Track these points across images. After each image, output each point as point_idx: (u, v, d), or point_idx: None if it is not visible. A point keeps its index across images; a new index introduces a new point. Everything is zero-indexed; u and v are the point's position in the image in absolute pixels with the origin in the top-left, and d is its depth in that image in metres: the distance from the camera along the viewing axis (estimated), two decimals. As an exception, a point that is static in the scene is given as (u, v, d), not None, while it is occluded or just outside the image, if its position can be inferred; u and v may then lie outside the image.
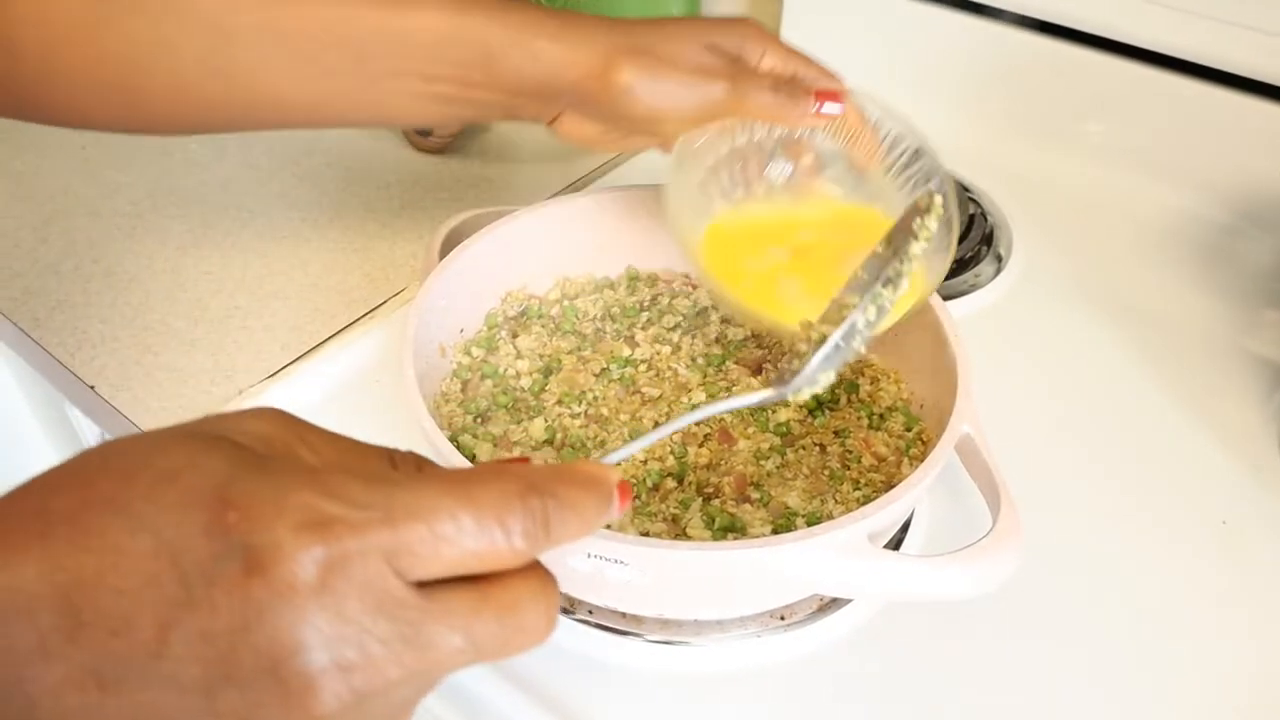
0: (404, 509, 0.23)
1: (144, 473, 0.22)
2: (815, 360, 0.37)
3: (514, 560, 0.24)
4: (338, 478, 0.23)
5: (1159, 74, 0.69)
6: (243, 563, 0.21)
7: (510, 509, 0.24)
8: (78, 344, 0.58)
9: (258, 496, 0.22)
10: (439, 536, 0.23)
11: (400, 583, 0.23)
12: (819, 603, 0.44)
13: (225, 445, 0.24)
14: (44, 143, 0.76)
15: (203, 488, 0.22)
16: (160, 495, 0.22)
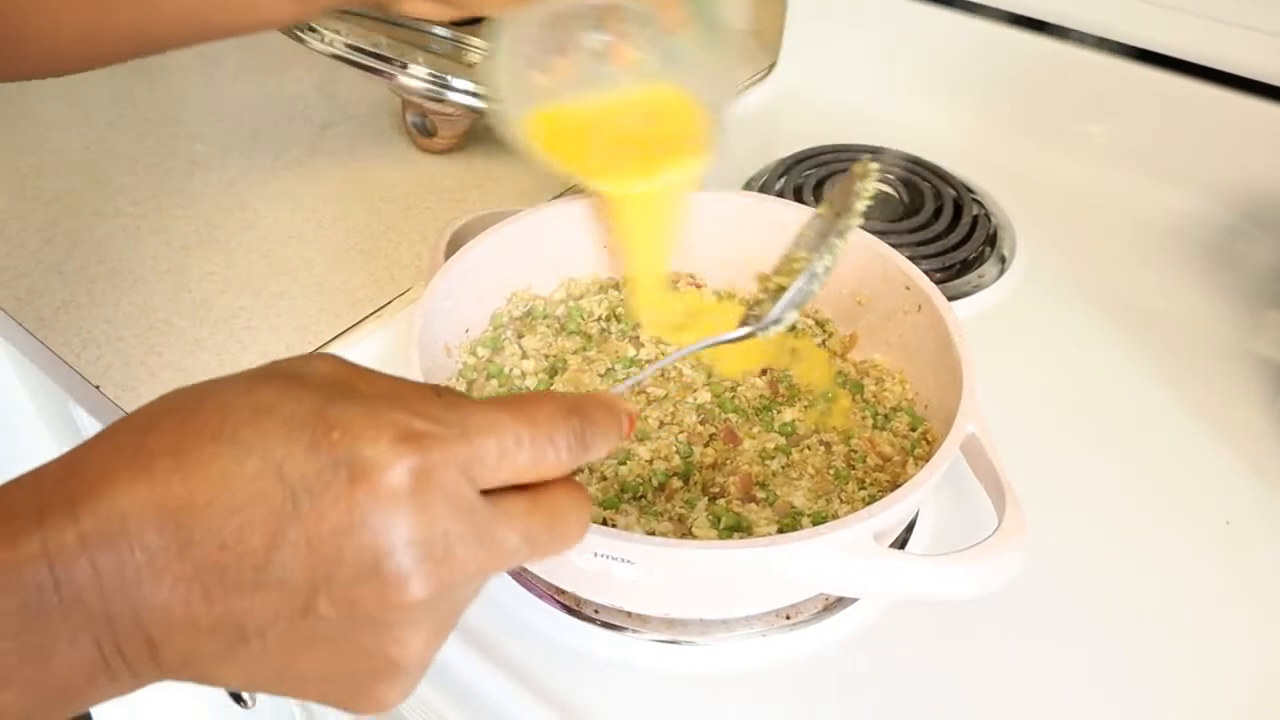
0: (477, 426, 0.26)
1: (242, 405, 0.25)
2: (783, 301, 0.43)
3: (559, 471, 0.28)
4: (417, 398, 0.26)
5: (1161, 75, 0.69)
6: (348, 473, 0.24)
7: (557, 428, 0.28)
8: (82, 343, 0.58)
9: (355, 416, 0.25)
10: (504, 451, 0.26)
11: (473, 490, 0.26)
12: (824, 602, 0.44)
13: (307, 380, 0.26)
14: (48, 143, 0.76)
15: (302, 412, 0.25)
16: (262, 422, 0.24)
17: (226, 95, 0.83)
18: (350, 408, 0.25)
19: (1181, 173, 0.71)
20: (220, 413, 0.25)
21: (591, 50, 0.51)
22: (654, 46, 0.51)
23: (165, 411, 0.25)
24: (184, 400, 0.26)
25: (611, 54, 0.51)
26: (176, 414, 0.25)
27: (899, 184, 0.70)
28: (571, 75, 0.51)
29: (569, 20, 0.50)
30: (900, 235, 0.65)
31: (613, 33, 0.51)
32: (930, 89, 0.79)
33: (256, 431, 0.24)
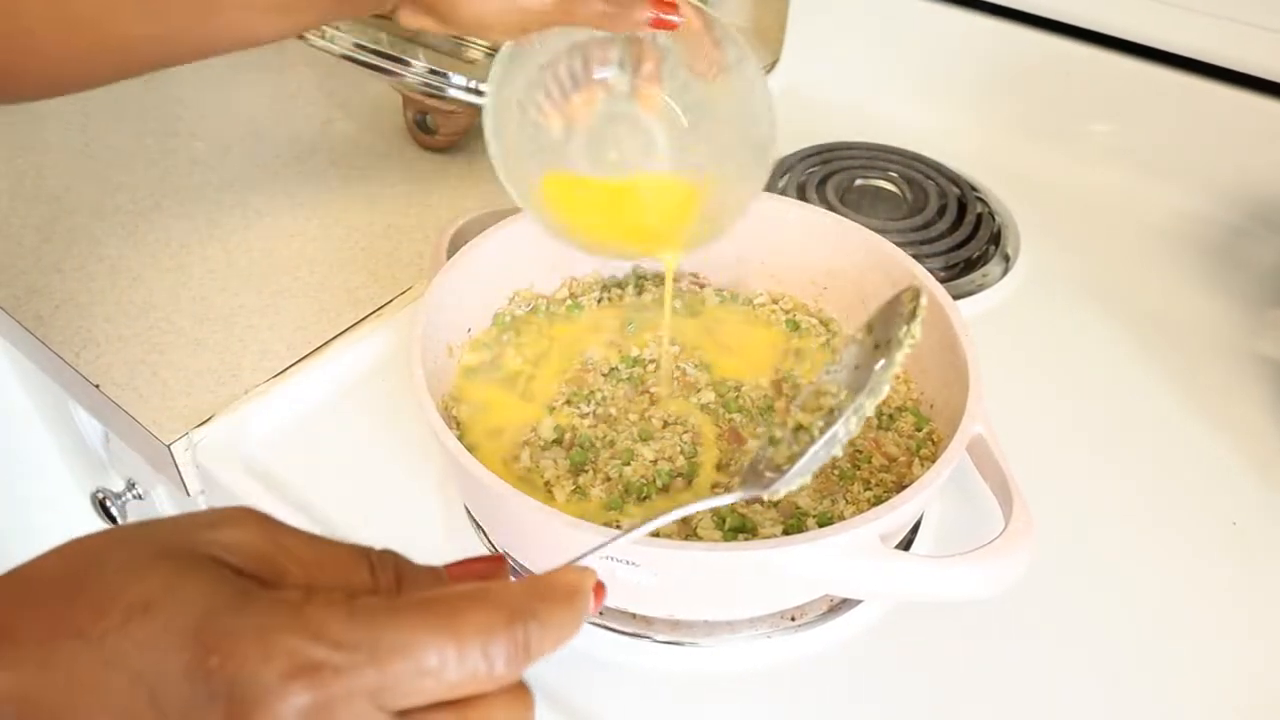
0: (389, 648, 0.22)
1: (117, 603, 0.22)
2: (797, 467, 0.36)
3: (494, 685, 0.24)
4: (320, 613, 0.23)
5: (1167, 73, 0.69)
6: (225, 708, 0.21)
7: (494, 638, 0.24)
8: (82, 343, 0.58)
9: (241, 638, 0.22)
10: (424, 672, 0.23)
11: (384, 716, 0.22)
12: (829, 604, 0.44)
13: (204, 568, 0.23)
14: (46, 142, 0.76)
15: (182, 626, 0.22)
16: (135, 631, 0.22)
17: (226, 93, 0.82)
18: (238, 624, 0.22)
19: (1186, 172, 0.71)
20: (94, 611, 0.22)
21: (613, 89, 0.47)
22: (683, 92, 0.48)
23: (41, 586, 0.23)
24: (59, 578, 0.23)
25: (637, 95, 0.47)
26: (48, 595, 0.23)
27: (903, 182, 0.70)
28: (587, 118, 0.47)
29: (589, 49, 0.47)
30: (904, 234, 0.64)
31: (638, 70, 0.47)
32: (934, 87, 0.79)
33: (128, 641, 0.22)
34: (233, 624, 0.22)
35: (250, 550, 0.24)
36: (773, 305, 0.55)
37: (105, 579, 0.23)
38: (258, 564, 0.24)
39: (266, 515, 0.25)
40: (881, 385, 0.36)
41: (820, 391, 0.39)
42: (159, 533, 0.24)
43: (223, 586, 0.23)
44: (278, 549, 0.25)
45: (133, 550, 0.23)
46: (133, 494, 0.68)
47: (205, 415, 0.53)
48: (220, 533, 0.24)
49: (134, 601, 0.22)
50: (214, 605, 0.22)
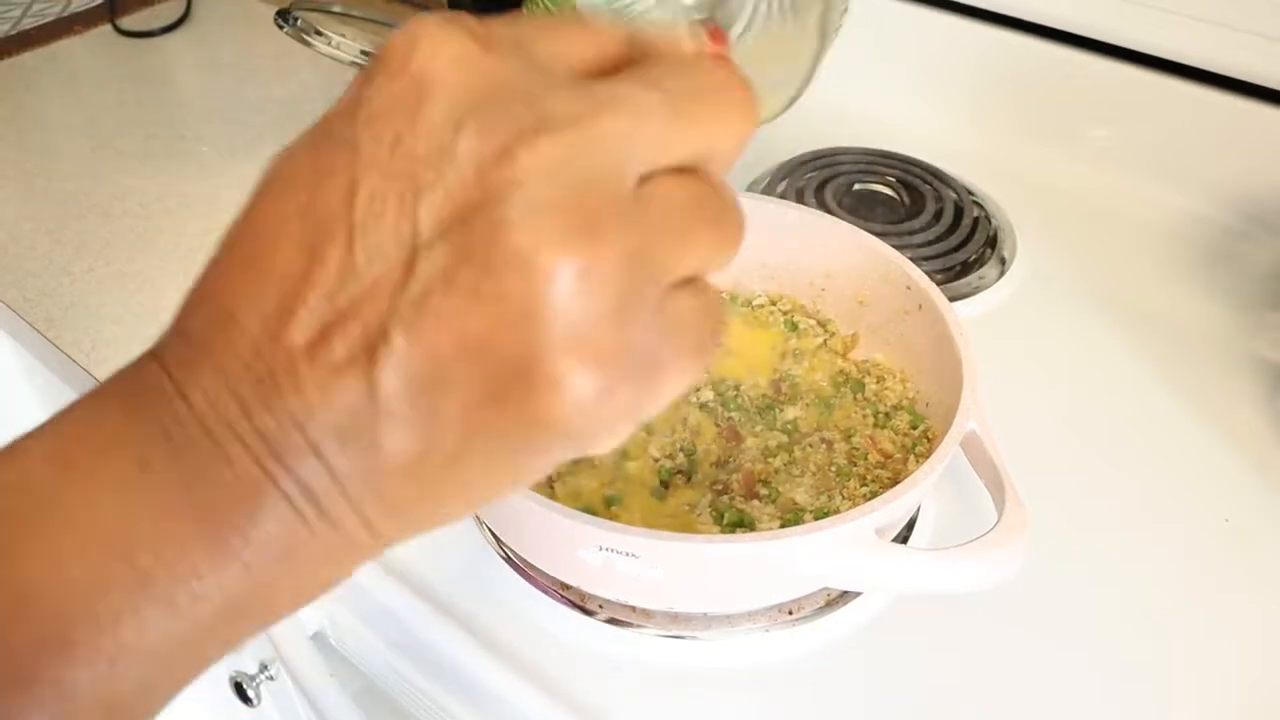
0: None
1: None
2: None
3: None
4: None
5: (1163, 79, 0.70)
6: (400, 55, 0.20)
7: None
8: (92, 343, 0.59)
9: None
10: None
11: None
12: (827, 598, 0.45)
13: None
14: (55, 147, 0.77)
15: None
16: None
17: (232, 98, 0.83)
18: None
19: (1182, 175, 0.71)
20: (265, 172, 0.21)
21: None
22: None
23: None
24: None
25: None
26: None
27: (900, 186, 0.71)
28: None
29: None
30: (901, 237, 0.65)
31: None
32: (931, 93, 0.80)
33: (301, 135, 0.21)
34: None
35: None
36: (771, 306, 0.56)
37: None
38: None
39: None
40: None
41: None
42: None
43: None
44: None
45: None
46: (140, 494, 0.69)
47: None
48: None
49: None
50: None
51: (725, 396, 0.50)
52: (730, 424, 0.49)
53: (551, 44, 0.21)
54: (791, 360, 0.53)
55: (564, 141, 0.18)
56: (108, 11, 0.94)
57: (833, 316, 0.55)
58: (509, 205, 0.18)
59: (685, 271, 0.20)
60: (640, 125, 0.19)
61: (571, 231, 0.18)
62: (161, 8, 0.96)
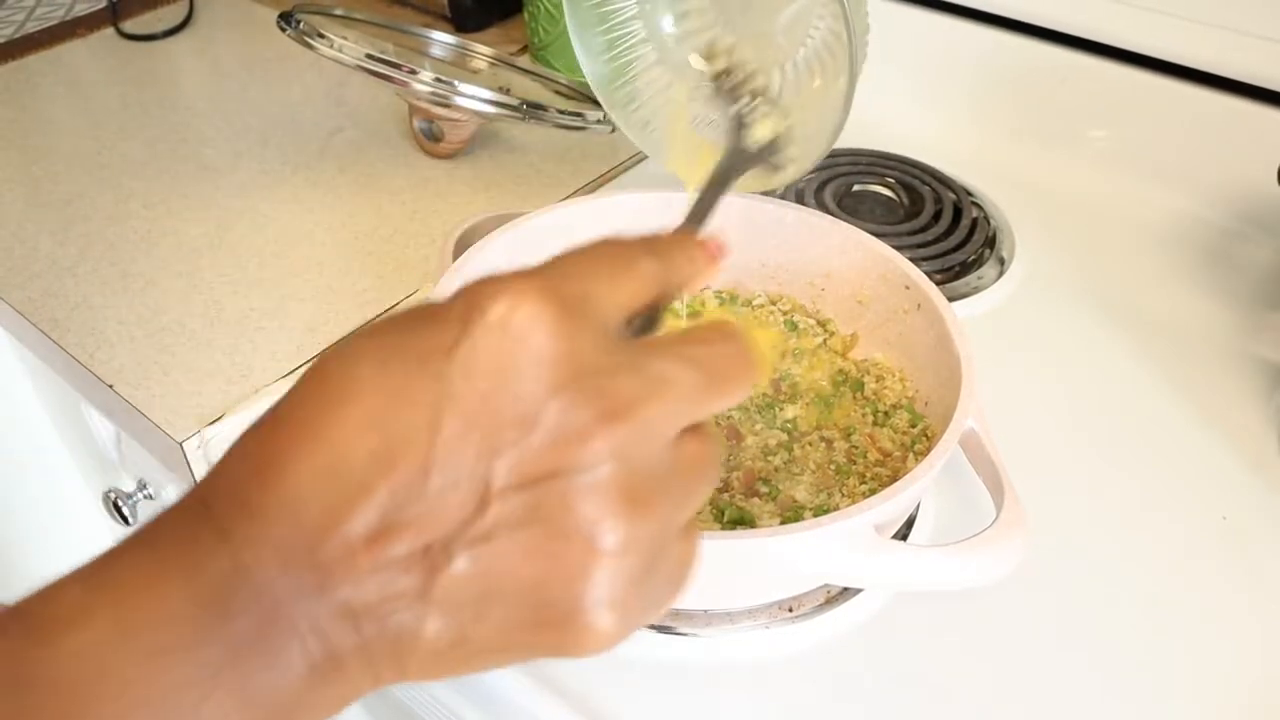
0: (565, 266, 0.25)
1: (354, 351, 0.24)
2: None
3: (657, 281, 0.26)
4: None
5: (1162, 80, 0.70)
6: (482, 317, 0.23)
7: (630, 244, 0.27)
8: (96, 344, 0.59)
9: (469, 288, 0.24)
10: (599, 268, 0.25)
11: (608, 323, 0.24)
12: (826, 595, 0.45)
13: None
14: (60, 150, 0.77)
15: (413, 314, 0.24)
16: (383, 335, 0.24)
17: (236, 102, 0.84)
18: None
19: (1181, 176, 0.72)
20: (335, 357, 0.23)
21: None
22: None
23: (286, 397, 0.24)
24: (298, 382, 0.24)
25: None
26: (298, 388, 0.24)
27: (899, 187, 0.71)
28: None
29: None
30: (900, 238, 0.66)
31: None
32: (930, 94, 0.80)
33: (374, 335, 0.23)
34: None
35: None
36: (771, 306, 0.57)
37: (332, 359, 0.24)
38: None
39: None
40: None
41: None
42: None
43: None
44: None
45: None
46: (144, 494, 0.70)
47: (217, 414, 0.54)
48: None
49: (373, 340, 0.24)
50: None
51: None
52: (730, 423, 0.49)
53: (611, 296, 0.25)
54: (791, 359, 0.54)
55: (626, 429, 0.22)
56: (111, 15, 0.94)
57: (832, 316, 0.56)
58: (579, 479, 0.22)
59: (690, 517, 0.25)
60: (681, 404, 0.24)
61: (624, 507, 0.22)
62: (164, 11, 0.97)
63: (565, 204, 0.56)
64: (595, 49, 0.55)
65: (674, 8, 0.56)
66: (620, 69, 0.56)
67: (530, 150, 0.77)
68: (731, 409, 0.50)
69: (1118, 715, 0.42)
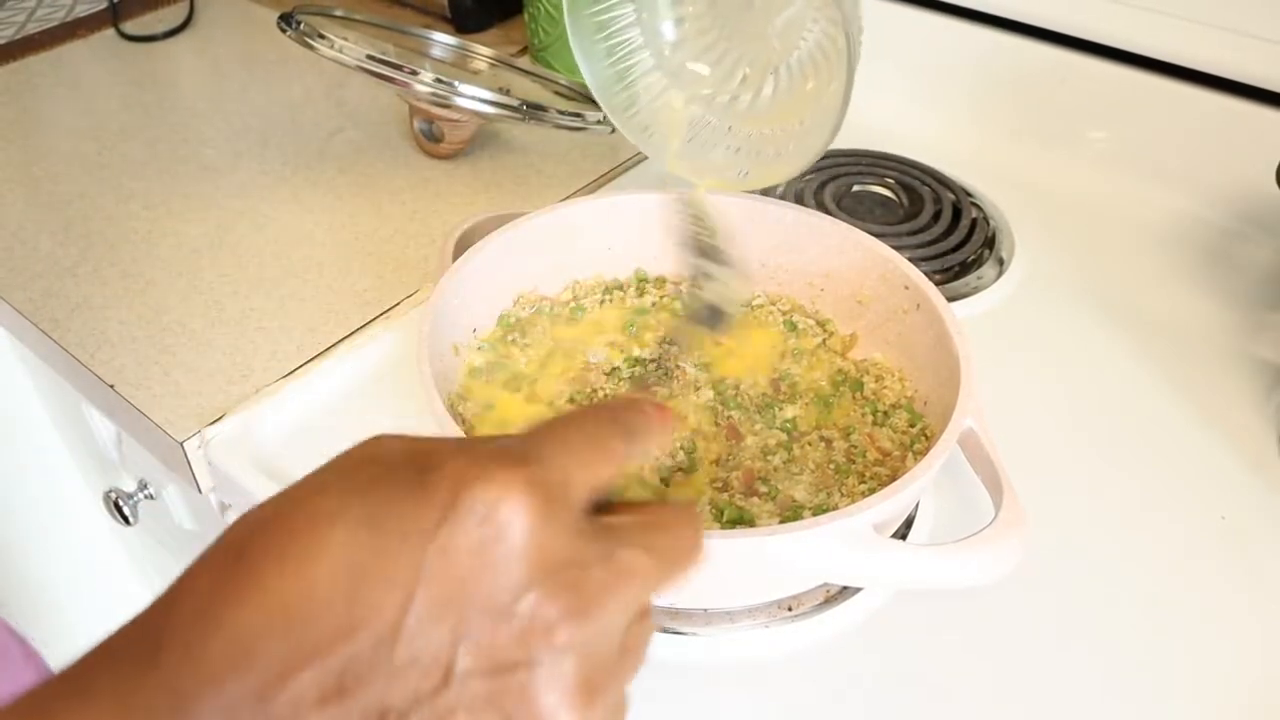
0: (539, 442, 0.26)
1: (319, 491, 0.24)
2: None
3: (625, 457, 0.27)
4: (483, 439, 0.26)
5: (1161, 81, 0.70)
6: (469, 514, 0.23)
7: (598, 417, 0.28)
8: (97, 344, 0.59)
9: (450, 454, 0.24)
10: (575, 451, 0.26)
11: (579, 510, 0.25)
12: (826, 594, 0.45)
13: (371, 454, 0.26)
14: (60, 150, 0.78)
15: (394, 465, 0.25)
16: (357, 476, 0.25)
17: (236, 102, 0.84)
18: (439, 445, 0.24)
19: (1180, 177, 0.72)
20: (306, 505, 0.23)
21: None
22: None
23: (244, 531, 0.23)
24: (259, 515, 0.24)
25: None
26: (260, 526, 0.23)
27: (899, 188, 0.72)
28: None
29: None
30: (900, 238, 0.66)
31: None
32: (930, 95, 0.80)
33: (353, 493, 0.23)
34: (434, 445, 0.25)
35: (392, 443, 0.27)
36: (770, 306, 0.57)
37: (292, 496, 0.24)
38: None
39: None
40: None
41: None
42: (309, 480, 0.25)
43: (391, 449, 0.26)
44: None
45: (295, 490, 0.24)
46: (144, 494, 0.70)
47: (217, 414, 0.54)
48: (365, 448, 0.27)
49: (336, 476, 0.24)
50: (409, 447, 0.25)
51: (725, 395, 0.51)
52: (730, 422, 0.49)
53: (586, 480, 0.26)
54: (791, 359, 0.54)
55: (591, 625, 0.23)
56: (111, 16, 0.95)
57: (832, 316, 0.56)
58: (541, 671, 0.23)
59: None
60: (641, 594, 0.25)
61: (580, 698, 0.23)
62: (165, 12, 0.97)
63: (565, 204, 0.56)
64: (595, 55, 0.56)
65: (672, 13, 0.56)
66: (619, 74, 0.56)
67: (530, 150, 0.78)
68: (731, 409, 0.50)
69: (1117, 714, 0.42)
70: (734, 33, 0.55)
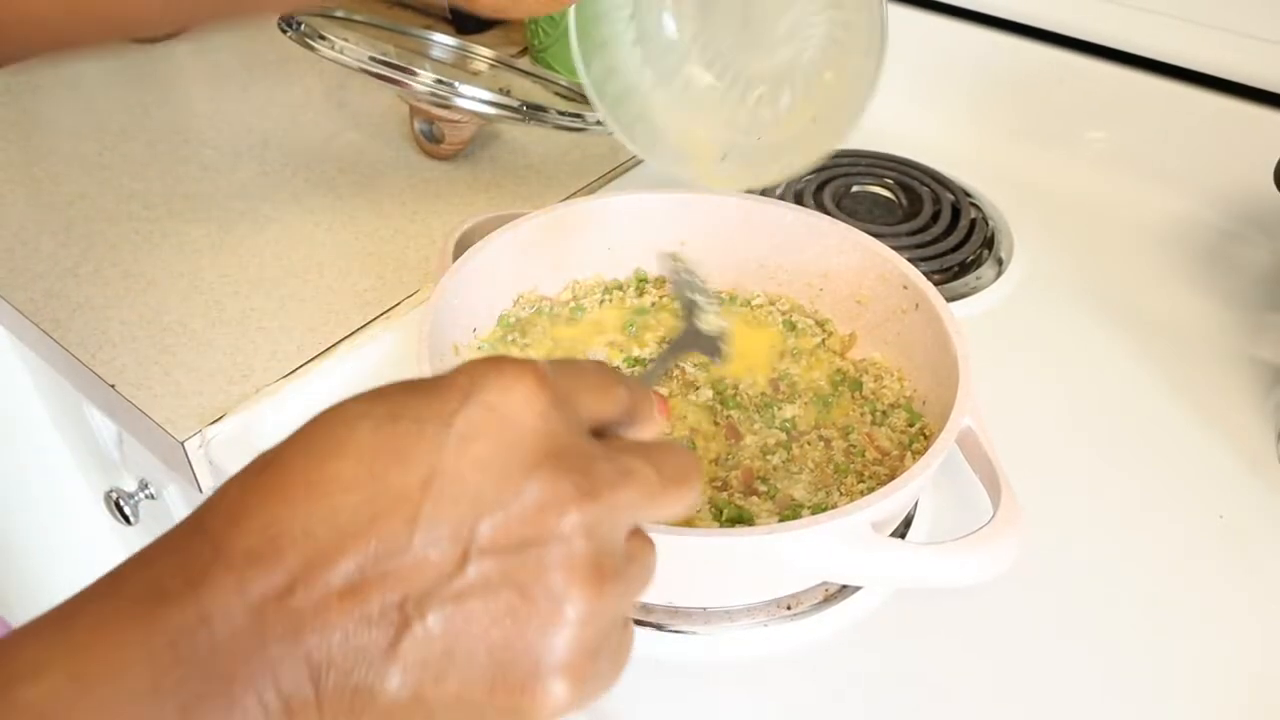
0: (551, 366, 0.27)
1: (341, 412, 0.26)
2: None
3: (628, 399, 0.29)
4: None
5: (1160, 81, 0.70)
6: (485, 389, 0.25)
7: (602, 367, 0.29)
8: (98, 344, 0.59)
9: (465, 364, 0.27)
10: (583, 374, 0.28)
11: (582, 423, 0.27)
12: (825, 593, 0.45)
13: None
14: (61, 151, 0.78)
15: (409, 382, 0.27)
16: (378, 394, 0.26)
17: (237, 103, 0.84)
18: (457, 367, 0.26)
19: (1179, 178, 0.72)
20: (332, 411, 0.25)
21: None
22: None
23: (273, 447, 0.25)
24: (288, 436, 0.25)
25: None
26: (288, 439, 0.25)
27: (898, 188, 0.72)
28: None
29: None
30: (899, 238, 0.66)
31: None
32: (929, 96, 0.80)
33: (377, 398, 0.25)
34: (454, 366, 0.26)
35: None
36: (770, 306, 0.57)
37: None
38: None
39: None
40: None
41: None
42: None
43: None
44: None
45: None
46: (145, 493, 0.70)
47: (218, 413, 0.55)
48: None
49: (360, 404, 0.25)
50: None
51: (724, 395, 0.51)
52: (729, 422, 0.50)
53: (590, 403, 0.27)
54: (790, 359, 0.54)
55: (598, 508, 0.24)
56: (112, 17, 0.94)
57: (831, 316, 0.56)
58: (553, 549, 0.24)
59: (630, 609, 0.27)
60: (643, 497, 0.26)
61: (590, 581, 0.24)
62: (165, 13, 0.97)
63: (565, 204, 0.56)
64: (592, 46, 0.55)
65: (676, 57, 0.55)
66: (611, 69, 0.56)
67: (530, 151, 0.78)
68: (731, 409, 0.50)
69: (1116, 714, 0.42)
70: (736, 55, 0.55)
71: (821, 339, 0.55)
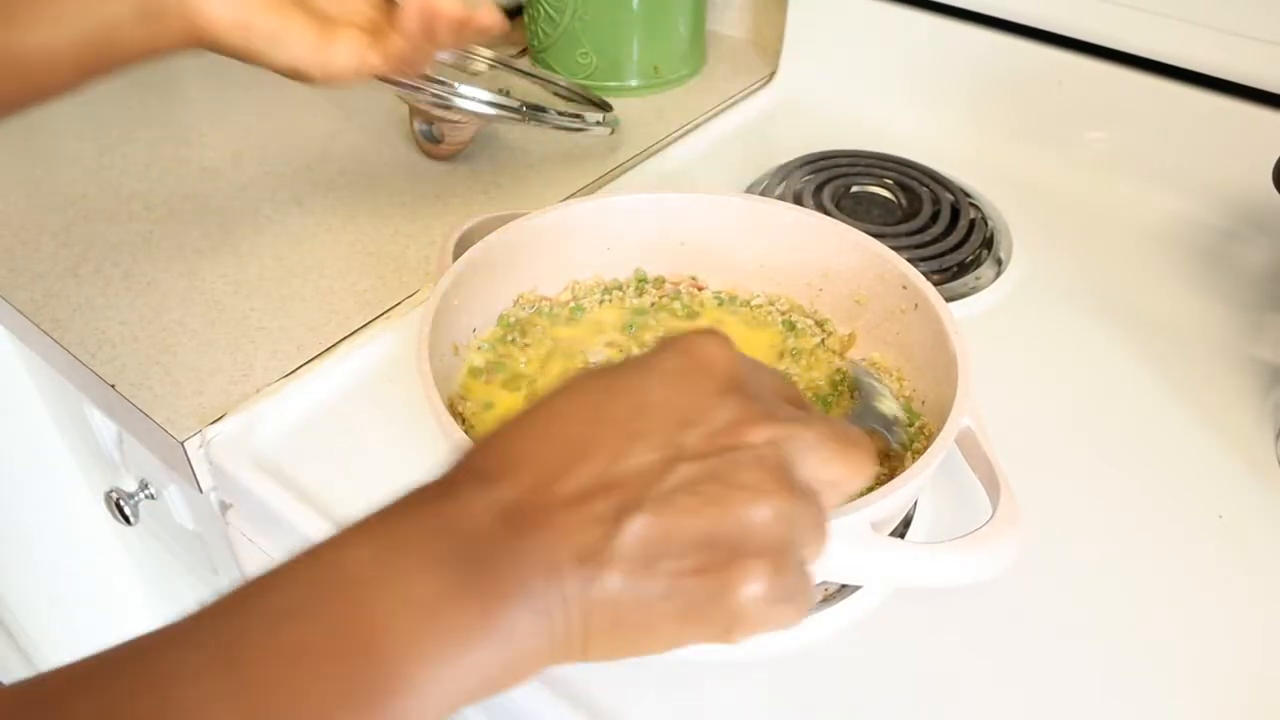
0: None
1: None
2: None
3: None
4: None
5: (1159, 82, 0.70)
6: (686, 343, 0.32)
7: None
8: (98, 344, 0.59)
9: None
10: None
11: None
12: (824, 592, 0.45)
13: None
14: (61, 151, 0.78)
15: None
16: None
17: (237, 104, 0.84)
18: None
19: (1178, 178, 0.72)
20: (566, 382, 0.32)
21: None
22: None
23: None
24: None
25: None
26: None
27: (897, 188, 0.72)
28: None
29: None
30: (898, 238, 0.66)
31: None
32: (928, 95, 0.81)
33: (603, 369, 0.32)
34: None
35: None
36: (769, 306, 0.57)
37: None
38: None
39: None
40: None
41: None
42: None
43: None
44: None
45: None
46: (145, 493, 0.70)
47: (218, 413, 0.55)
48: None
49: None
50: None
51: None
52: (729, 422, 0.50)
53: (766, 376, 0.34)
54: (789, 359, 0.54)
55: (784, 429, 0.30)
56: (113, 17, 0.95)
57: (830, 316, 0.56)
58: (748, 453, 0.29)
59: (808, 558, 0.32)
60: (817, 442, 0.31)
61: (780, 482, 0.29)
62: (166, 14, 0.97)
63: (565, 204, 0.56)
64: None
65: None
66: None
67: (530, 151, 0.78)
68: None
69: (1116, 713, 0.42)
70: None
71: (821, 339, 0.55)
